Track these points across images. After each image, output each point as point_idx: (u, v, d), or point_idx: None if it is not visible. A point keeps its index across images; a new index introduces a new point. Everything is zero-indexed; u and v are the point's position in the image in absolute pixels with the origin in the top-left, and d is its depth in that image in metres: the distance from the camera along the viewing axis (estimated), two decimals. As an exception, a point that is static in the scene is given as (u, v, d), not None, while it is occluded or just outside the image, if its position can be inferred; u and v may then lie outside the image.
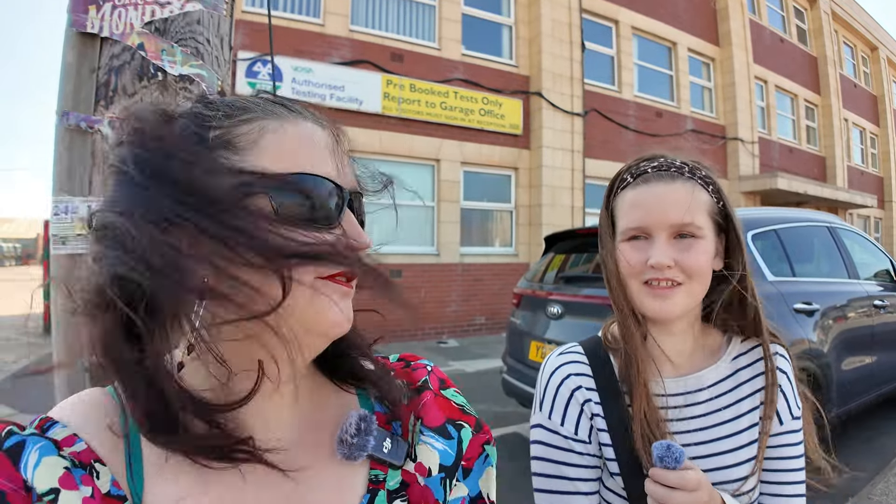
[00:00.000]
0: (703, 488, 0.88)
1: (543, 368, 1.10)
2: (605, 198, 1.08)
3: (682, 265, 0.96)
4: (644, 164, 1.04)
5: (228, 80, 1.13)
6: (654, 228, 0.98)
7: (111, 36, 1.04)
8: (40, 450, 0.50)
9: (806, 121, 18.86)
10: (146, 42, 1.03)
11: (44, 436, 0.53)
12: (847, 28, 21.38)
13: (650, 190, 0.99)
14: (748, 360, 1.07)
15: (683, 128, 14.34)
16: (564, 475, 1.01)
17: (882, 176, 23.05)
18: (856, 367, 4.31)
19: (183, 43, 1.05)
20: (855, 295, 4.49)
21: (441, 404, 0.71)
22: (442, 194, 10.45)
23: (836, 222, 4.90)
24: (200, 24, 1.08)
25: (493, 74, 11.21)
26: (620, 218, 1.03)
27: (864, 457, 4.35)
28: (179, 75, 1.04)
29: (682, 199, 0.97)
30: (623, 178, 1.05)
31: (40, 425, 0.54)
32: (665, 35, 14.21)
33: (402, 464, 0.65)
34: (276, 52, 8.78)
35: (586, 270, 4.52)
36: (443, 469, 0.67)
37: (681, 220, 0.96)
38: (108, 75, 1.04)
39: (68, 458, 0.51)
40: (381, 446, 0.64)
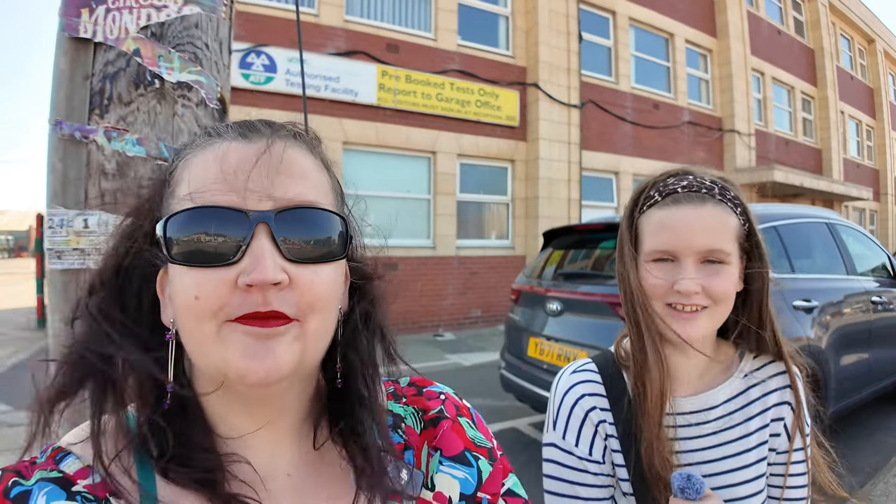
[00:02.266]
0: None
1: (557, 386, 1.09)
2: (628, 211, 1.05)
3: (708, 291, 0.94)
4: (672, 182, 1.00)
5: (228, 86, 1.09)
6: (682, 253, 0.95)
7: (105, 41, 0.99)
8: (47, 495, 0.50)
9: (802, 113, 18.86)
10: (142, 48, 0.98)
11: (56, 469, 0.53)
12: (844, 20, 21.34)
13: (680, 212, 0.96)
14: (760, 378, 1.06)
15: (680, 120, 14.31)
16: (578, 495, 1.00)
17: (878, 168, 23.12)
18: (854, 363, 4.31)
19: (181, 48, 1.01)
20: (853, 291, 4.49)
21: (458, 432, 0.70)
22: (438, 187, 10.40)
23: (834, 218, 4.89)
24: (199, 28, 1.03)
25: (490, 65, 11.13)
26: (647, 237, 1.00)
27: (862, 453, 4.37)
28: (177, 82, 1.00)
29: (711, 225, 0.95)
30: (649, 194, 1.01)
31: (52, 455, 0.54)
32: (662, 26, 14.13)
33: (418, 494, 0.63)
34: (270, 42, 8.68)
35: (585, 267, 4.50)
36: (463, 497, 0.65)
37: (709, 246, 0.94)
38: (102, 83, 0.99)
39: (80, 495, 0.51)
40: (398, 478, 0.62)
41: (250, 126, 0.59)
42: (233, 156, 0.55)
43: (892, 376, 4.92)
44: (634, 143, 13.30)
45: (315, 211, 0.56)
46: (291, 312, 0.53)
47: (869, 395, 4.62)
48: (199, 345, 0.53)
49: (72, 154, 1.00)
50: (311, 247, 0.55)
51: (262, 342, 0.52)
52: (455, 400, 0.75)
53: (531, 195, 11.44)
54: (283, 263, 0.53)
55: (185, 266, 0.53)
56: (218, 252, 0.52)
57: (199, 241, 0.52)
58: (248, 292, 0.51)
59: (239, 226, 0.52)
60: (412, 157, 10.30)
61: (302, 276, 0.54)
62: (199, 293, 0.51)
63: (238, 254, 0.52)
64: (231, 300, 0.51)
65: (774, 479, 1.04)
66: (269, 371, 0.52)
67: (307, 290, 0.54)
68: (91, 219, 0.98)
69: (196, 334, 0.53)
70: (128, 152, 0.97)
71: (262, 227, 0.52)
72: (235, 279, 0.51)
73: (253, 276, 0.50)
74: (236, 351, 0.51)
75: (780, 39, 17.80)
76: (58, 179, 1.00)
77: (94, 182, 0.99)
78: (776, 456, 1.04)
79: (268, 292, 0.52)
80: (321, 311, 0.56)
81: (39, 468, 0.53)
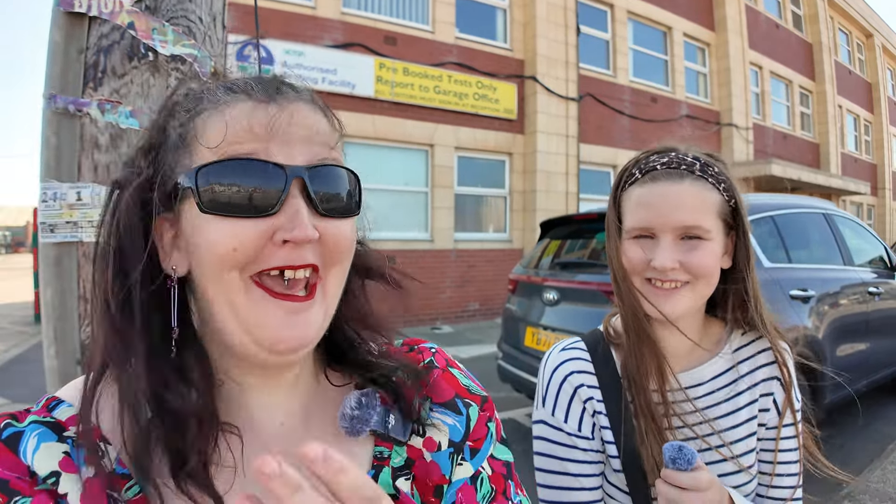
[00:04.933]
0: (713, 487, 0.88)
1: (545, 364, 1.09)
2: (612, 191, 1.06)
3: (686, 266, 0.94)
4: (654, 159, 1.01)
5: (222, 59, 1.09)
6: (660, 230, 0.96)
7: (100, 15, 0.99)
8: (39, 436, 0.51)
9: (800, 107, 18.86)
10: (136, 21, 0.98)
11: (48, 415, 0.54)
12: (843, 15, 21.32)
13: (657, 189, 0.97)
14: (748, 353, 1.07)
15: (678, 113, 14.29)
16: (568, 471, 1.01)
17: (875, 163, 23.14)
18: (850, 353, 4.32)
19: (174, 21, 1.00)
20: (850, 281, 4.50)
21: (449, 380, 0.72)
22: (436, 180, 10.39)
23: (831, 209, 4.90)
24: (192, 2, 1.03)
25: (488, 58, 11.11)
26: (627, 215, 1.01)
27: (859, 442, 4.39)
28: (171, 55, 0.99)
29: (688, 202, 0.95)
30: (631, 172, 1.02)
31: (46, 404, 0.56)
32: (661, 19, 14.11)
33: (406, 439, 0.65)
34: (267, 34, 8.65)
35: (582, 256, 4.50)
36: (451, 444, 0.67)
37: (686, 222, 0.94)
38: (96, 56, 0.99)
39: (71, 439, 0.52)
40: (385, 422, 0.64)
41: (275, 86, 0.59)
42: (263, 114, 0.56)
43: (889, 367, 4.94)
44: (632, 136, 13.29)
45: (339, 169, 0.59)
46: (321, 266, 0.57)
47: (866, 385, 4.63)
48: (227, 300, 0.55)
49: (66, 127, 0.99)
50: (337, 203, 0.58)
51: (294, 314, 0.55)
52: (445, 354, 0.77)
53: (529, 188, 11.43)
54: (315, 220, 0.55)
55: (220, 216, 0.53)
56: (257, 205, 0.53)
57: (237, 192, 0.53)
58: (282, 247, 0.54)
59: (276, 179, 0.54)
60: (410, 149, 10.29)
61: (329, 230, 0.56)
62: (237, 245, 0.53)
63: (275, 208, 0.53)
64: (264, 252, 0.54)
65: (765, 454, 1.04)
66: (301, 339, 0.55)
67: (334, 243, 0.57)
68: (84, 191, 0.98)
69: (226, 287, 0.54)
70: (121, 124, 0.97)
71: (297, 182, 0.54)
72: (271, 233, 0.53)
73: (294, 233, 0.53)
74: (274, 319, 0.54)
75: (778, 33, 17.78)
76: (52, 153, 1.00)
77: (87, 155, 0.99)
78: (765, 431, 1.04)
79: (302, 247, 0.54)
80: (342, 262, 0.59)
81: (33, 414, 0.54)
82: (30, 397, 5.46)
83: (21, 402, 5.33)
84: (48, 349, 0.99)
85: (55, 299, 0.99)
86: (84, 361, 0.97)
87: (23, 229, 49.55)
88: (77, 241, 0.98)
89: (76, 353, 0.98)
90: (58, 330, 0.98)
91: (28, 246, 24.00)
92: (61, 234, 0.98)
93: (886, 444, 4.21)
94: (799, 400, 1.07)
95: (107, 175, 0.97)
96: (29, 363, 7.08)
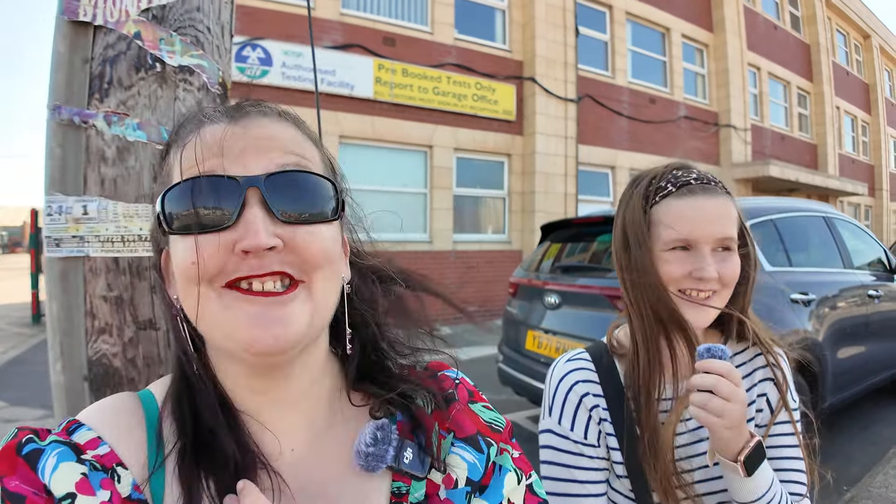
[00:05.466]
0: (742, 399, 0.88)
1: (552, 374, 1.12)
2: (639, 201, 1.06)
3: (722, 275, 0.99)
4: (682, 174, 1.04)
5: (230, 71, 1.07)
6: (701, 241, 0.99)
7: (105, 24, 0.97)
8: (58, 455, 0.52)
9: (798, 108, 18.90)
10: (143, 31, 0.96)
11: (68, 439, 0.54)
12: (840, 16, 21.37)
13: (697, 203, 1.01)
14: (742, 360, 1.12)
15: (676, 114, 14.31)
16: (575, 478, 1.03)
17: (873, 164, 23.20)
18: (850, 356, 4.33)
19: (182, 31, 0.98)
20: (850, 284, 4.51)
21: (471, 416, 0.70)
22: (434, 181, 10.38)
23: (831, 212, 4.91)
24: (200, 12, 1.01)
25: (487, 59, 11.10)
26: (664, 227, 1.02)
27: (859, 445, 4.40)
28: (179, 66, 0.98)
29: (724, 214, 1.01)
30: (663, 185, 1.04)
31: (66, 427, 0.56)
32: (659, 21, 14.12)
33: (425, 474, 0.63)
34: (266, 35, 8.62)
35: (583, 260, 4.50)
36: (469, 483, 0.64)
37: (725, 234, 1.00)
38: (102, 66, 0.97)
39: (89, 461, 0.53)
40: (402, 457, 0.62)
41: (237, 107, 0.62)
42: (220, 132, 0.57)
43: (889, 369, 4.95)
44: (631, 137, 13.30)
45: (304, 174, 0.58)
46: (294, 272, 0.55)
47: (866, 388, 4.64)
48: (203, 313, 0.55)
49: (71, 139, 0.97)
50: (302, 208, 0.57)
51: (269, 309, 0.54)
52: (468, 384, 0.75)
53: (528, 189, 11.43)
54: (276, 228, 0.54)
55: (182, 235, 0.55)
56: (213, 219, 0.54)
57: (195, 210, 0.54)
58: (245, 257, 0.53)
59: (231, 192, 0.54)
60: (409, 151, 10.28)
61: (297, 237, 0.55)
62: (194, 258, 0.53)
63: (232, 218, 0.53)
64: (227, 264, 0.53)
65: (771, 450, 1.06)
66: (278, 337, 0.54)
67: (305, 249, 0.56)
68: (90, 205, 0.96)
69: (198, 301, 0.55)
70: (128, 137, 0.95)
71: (254, 192, 0.54)
72: (232, 245, 0.53)
73: (247, 242, 0.52)
74: (242, 319, 0.53)
75: (776, 35, 17.81)
76: (56, 165, 0.98)
77: (93, 168, 0.97)
78: (756, 430, 1.07)
79: (264, 257, 0.53)
80: (323, 268, 0.58)
81: (53, 435, 0.55)
82: (29, 400, 5.44)
83: (19, 404, 5.29)
84: (54, 364, 0.97)
85: (61, 314, 0.97)
86: (90, 378, 0.96)
87: (20, 229, 49.30)
88: (83, 256, 0.96)
89: (83, 370, 0.96)
90: (64, 345, 0.96)
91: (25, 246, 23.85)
92: (67, 248, 0.96)
93: (887, 448, 4.22)
94: (795, 400, 1.10)
95: (114, 189, 0.95)
96: (27, 364, 7.04)
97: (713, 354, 0.89)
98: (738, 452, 0.89)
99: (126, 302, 0.96)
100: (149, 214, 0.96)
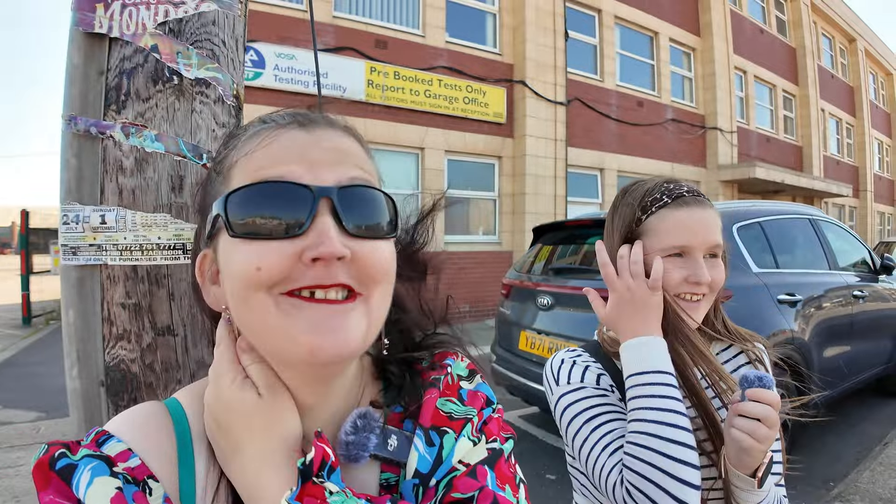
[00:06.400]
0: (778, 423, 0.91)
1: (551, 363, 1.16)
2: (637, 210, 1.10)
3: (713, 281, 1.06)
4: (674, 187, 1.11)
5: (243, 83, 1.10)
6: (696, 249, 1.06)
7: (122, 37, 0.99)
8: (92, 470, 0.51)
9: (784, 111, 19.13)
10: (160, 44, 0.99)
11: (98, 451, 0.53)
12: (826, 20, 21.64)
13: (694, 213, 1.08)
14: (727, 357, 1.18)
15: (664, 117, 14.44)
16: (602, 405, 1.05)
17: (857, 166, 23.52)
18: (836, 355, 4.41)
19: (198, 45, 1.01)
20: (835, 285, 4.60)
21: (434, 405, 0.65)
22: (426, 182, 10.40)
23: (817, 214, 5.00)
24: (216, 25, 1.03)
25: (478, 62, 11.15)
26: (660, 234, 1.08)
27: (846, 442, 4.48)
28: (196, 79, 1.00)
29: (715, 223, 1.09)
30: (658, 197, 1.10)
31: (95, 439, 0.55)
32: (647, 25, 14.25)
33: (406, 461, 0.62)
34: (258, 38, 8.61)
35: (574, 262, 4.55)
36: (417, 475, 0.60)
37: (716, 241, 1.08)
38: (118, 78, 0.99)
39: (122, 475, 0.52)
40: (386, 444, 0.61)
41: (307, 116, 0.62)
42: (292, 141, 0.58)
43: (874, 368, 5.04)
44: (619, 140, 13.40)
45: (372, 191, 0.59)
46: (356, 286, 0.55)
47: (852, 386, 4.72)
48: (259, 320, 0.54)
49: (87, 150, 1.00)
50: (369, 223, 0.57)
51: (331, 318, 0.53)
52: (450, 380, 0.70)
53: (518, 191, 11.48)
54: (345, 239, 0.54)
55: (247, 239, 0.54)
56: (284, 225, 0.53)
57: (264, 215, 0.54)
58: (312, 266, 0.52)
59: (303, 201, 0.53)
60: (400, 153, 10.29)
61: (362, 250, 0.55)
62: (260, 264, 0.52)
63: (303, 227, 0.53)
64: (293, 272, 0.53)
65: None
66: (340, 346, 0.53)
67: (369, 264, 0.55)
68: (108, 214, 0.98)
69: (255, 307, 0.54)
70: (146, 148, 0.98)
71: (326, 202, 0.54)
72: (300, 253, 0.52)
73: (321, 249, 0.51)
74: (303, 327, 0.52)
75: (762, 38, 18.02)
76: (73, 175, 1.00)
77: (111, 178, 0.99)
78: None
79: (332, 266, 0.53)
80: (382, 283, 0.58)
81: (84, 447, 0.54)
82: (21, 401, 5.39)
83: (12, 406, 5.24)
84: (70, 370, 0.99)
85: (77, 321, 0.99)
86: (107, 384, 0.98)
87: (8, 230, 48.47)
88: (101, 264, 0.98)
89: (100, 376, 0.98)
90: (80, 351, 0.98)
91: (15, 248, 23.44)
92: (84, 256, 0.98)
93: (873, 445, 4.30)
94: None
95: (132, 199, 0.98)
96: (19, 367, 6.98)
97: (764, 384, 0.91)
98: (756, 468, 0.92)
99: (144, 309, 0.98)
100: (167, 223, 0.98)
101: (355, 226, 0.55)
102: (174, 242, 0.99)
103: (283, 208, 0.53)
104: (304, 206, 0.53)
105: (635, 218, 1.10)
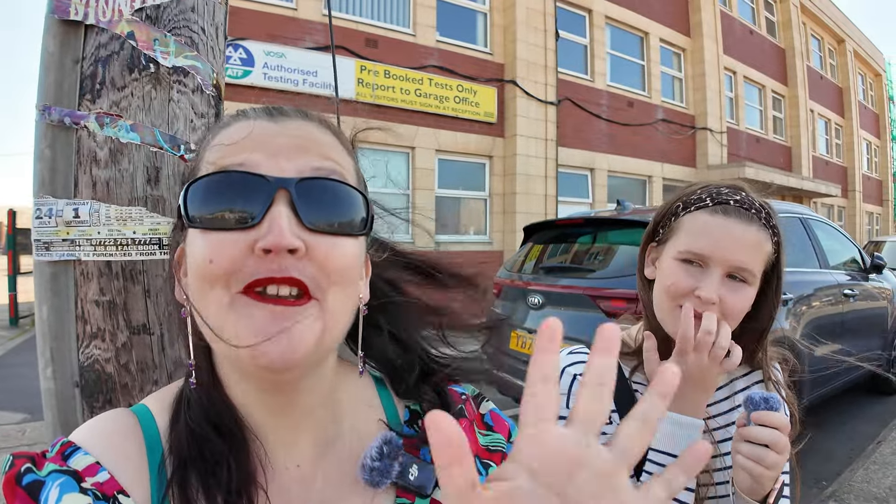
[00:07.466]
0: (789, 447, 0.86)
1: None
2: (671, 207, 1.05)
3: (723, 304, 0.94)
4: (726, 193, 1.00)
5: (224, 73, 1.06)
6: (714, 261, 0.95)
7: (97, 23, 0.95)
8: (61, 486, 0.49)
9: (773, 111, 19.25)
10: (137, 31, 0.95)
11: (65, 465, 0.51)
12: (815, 21, 21.80)
13: (727, 222, 0.96)
14: (745, 384, 1.10)
15: (654, 117, 14.48)
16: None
17: (846, 166, 23.71)
18: (827, 353, 4.42)
19: (176, 32, 0.97)
20: (826, 284, 4.61)
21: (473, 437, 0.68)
22: (417, 182, 10.37)
23: (807, 213, 5.01)
24: (195, 12, 1.00)
25: (468, 62, 11.13)
26: (684, 235, 1.00)
27: (837, 440, 4.49)
28: (173, 67, 0.96)
29: (751, 244, 0.96)
30: (701, 197, 1.01)
31: (61, 451, 0.53)
32: (637, 25, 14.29)
33: (430, 492, 0.61)
34: (248, 36, 8.54)
35: (564, 261, 4.53)
36: None
37: (742, 263, 0.95)
38: (94, 66, 0.95)
39: (91, 490, 0.49)
40: (407, 473, 0.61)
41: (279, 109, 0.60)
42: (258, 130, 0.56)
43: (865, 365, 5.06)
44: (609, 139, 13.43)
45: (337, 184, 0.56)
46: (310, 284, 0.51)
47: (843, 384, 4.74)
48: (212, 316, 0.52)
49: (61, 140, 0.96)
50: (331, 218, 0.54)
51: (278, 320, 0.50)
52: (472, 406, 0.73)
53: (509, 191, 11.48)
54: (301, 232, 0.51)
55: (202, 230, 0.52)
56: (237, 216, 0.51)
57: (219, 205, 0.52)
58: (264, 258, 0.50)
59: (259, 191, 0.51)
60: (391, 152, 10.25)
61: (319, 246, 0.52)
62: (213, 256, 0.50)
63: (256, 218, 0.50)
64: (245, 265, 0.50)
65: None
66: (284, 352, 0.49)
67: (325, 261, 0.52)
68: (82, 208, 0.94)
69: (211, 303, 0.51)
70: (121, 139, 0.94)
71: (282, 193, 0.51)
72: (252, 244, 0.50)
73: (268, 238, 0.49)
74: (248, 326, 0.49)
75: (752, 39, 18.12)
76: (46, 167, 0.96)
77: (84, 170, 0.95)
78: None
79: (284, 259, 0.50)
80: (339, 284, 0.54)
81: (50, 461, 0.51)
82: (7, 403, 5.29)
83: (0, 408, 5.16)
84: (44, 369, 0.95)
85: (51, 318, 0.95)
86: (82, 384, 0.94)
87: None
88: (74, 260, 0.94)
89: (74, 376, 0.94)
90: (54, 350, 0.94)
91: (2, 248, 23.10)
92: (57, 252, 0.94)
93: (865, 443, 4.31)
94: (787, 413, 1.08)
95: (106, 191, 0.94)
96: (6, 368, 6.86)
97: (771, 406, 0.84)
98: (766, 495, 0.87)
99: (119, 307, 0.94)
100: (143, 217, 0.95)
101: (314, 219, 0.52)
102: (150, 237, 0.95)
103: (238, 199, 0.51)
104: (260, 197, 0.51)
105: (673, 210, 1.03)
